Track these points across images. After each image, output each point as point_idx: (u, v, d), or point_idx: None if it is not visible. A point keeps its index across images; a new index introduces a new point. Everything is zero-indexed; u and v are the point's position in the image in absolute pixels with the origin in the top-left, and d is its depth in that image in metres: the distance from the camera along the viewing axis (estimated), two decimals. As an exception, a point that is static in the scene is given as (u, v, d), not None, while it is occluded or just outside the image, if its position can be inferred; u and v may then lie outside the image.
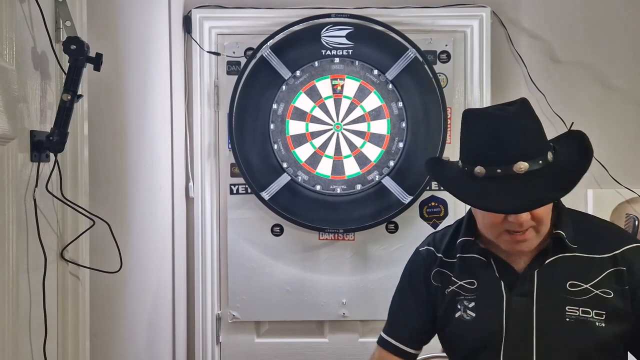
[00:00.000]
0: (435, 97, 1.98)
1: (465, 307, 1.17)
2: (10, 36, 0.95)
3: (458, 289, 1.18)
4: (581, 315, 1.06)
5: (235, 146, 2.00)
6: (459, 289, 1.18)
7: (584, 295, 1.06)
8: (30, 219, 1.01)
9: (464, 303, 1.17)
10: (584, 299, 1.06)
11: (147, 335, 1.71)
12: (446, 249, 1.23)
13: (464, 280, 1.18)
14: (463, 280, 1.18)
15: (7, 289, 0.93)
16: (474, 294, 1.16)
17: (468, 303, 1.17)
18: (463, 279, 1.18)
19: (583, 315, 1.06)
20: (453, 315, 1.18)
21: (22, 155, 0.98)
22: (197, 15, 2.05)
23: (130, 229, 1.53)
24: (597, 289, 1.06)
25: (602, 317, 1.05)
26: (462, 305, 1.17)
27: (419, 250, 1.30)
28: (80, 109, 1.16)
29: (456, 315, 1.17)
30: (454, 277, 1.19)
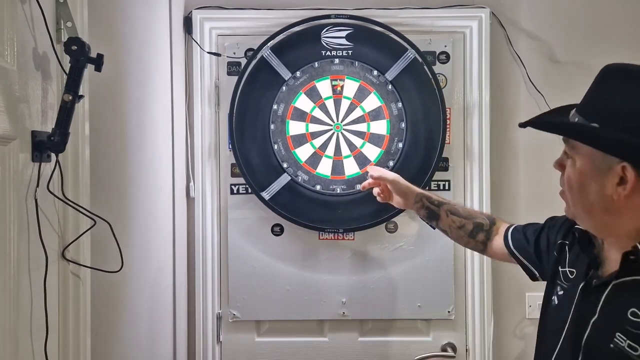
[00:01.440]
0: (435, 97, 1.99)
1: (556, 292, 1.14)
2: (12, 36, 0.95)
3: (560, 273, 1.15)
4: (626, 348, 0.93)
5: (235, 146, 2.00)
6: (560, 274, 1.15)
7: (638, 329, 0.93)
8: (32, 219, 1.01)
9: (556, 288, 1.15)
10: (636, 333, 0.92)
11: (148, 334, 1.72)
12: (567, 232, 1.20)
13: (568, 267, 1.14)
14: (567, 268, 1.14)
15: (8, 288, 0.93)
16: (567, 284, 1.12)
17: (560, 290, 1.13)
18: (568, 267, 1.14)
19: (628, 349, 0.93)
20: (548, 293, 1.17)
21: (23, 155, 0.98)
22: (197, 16, 2.05)
23: (131, 229, 1.53)
24: None
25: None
26: (556, 288, 1.15)
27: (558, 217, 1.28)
28: (81, 109, 1.17)
29: (550, 294, 1.16)
30: (564, 260, 1.16)
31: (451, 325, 2.11)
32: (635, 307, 0.94)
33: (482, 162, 2.05)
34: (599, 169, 0.97)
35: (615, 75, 1.00)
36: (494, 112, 2.06)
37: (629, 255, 0.96)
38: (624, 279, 0.97)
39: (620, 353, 0.94)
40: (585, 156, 0.99)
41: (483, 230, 1.48)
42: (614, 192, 0.96)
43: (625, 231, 0.98)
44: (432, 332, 2.12)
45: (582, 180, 1.00)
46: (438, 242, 2.07)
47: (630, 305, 0.94)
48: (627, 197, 0.95)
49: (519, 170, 2.08)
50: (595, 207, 1.00)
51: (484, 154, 2.05)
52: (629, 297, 0.95)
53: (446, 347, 2.10)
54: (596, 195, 0.98)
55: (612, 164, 0.95)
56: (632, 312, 0.94)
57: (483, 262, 2.06)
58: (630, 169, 0.93)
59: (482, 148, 2.05)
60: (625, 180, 0.94)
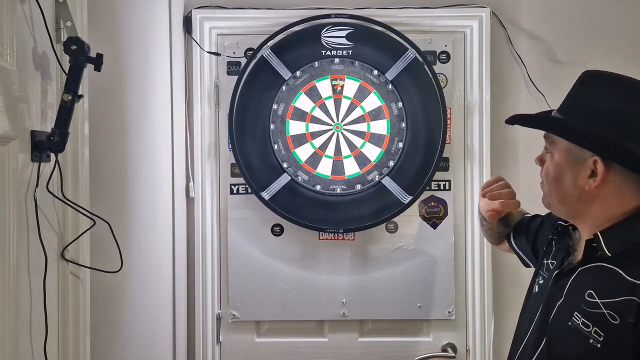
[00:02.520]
0: (435, 97, 1.99)
1: (537, 281, 1.22)
2: (11, 36, 0.95)
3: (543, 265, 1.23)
4: (580, 326, 1.02)
5: (235, 146, 2.00)
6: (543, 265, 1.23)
7: (593, 308, 1.01)
8: (31, 219, 1.01)
9: (538, 277, 1.23)
10: (590, 312, 1.01)
11: (148, 335, 1.72)
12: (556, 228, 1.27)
13: (551, 259, 1.22)
14: (550, 260, 1.22)
15: (7, 288, 0.93)
16: (547, 274, 1.19)
17: (540, 279, 1.22)
18: (551, 259, 1.22)
19: (582, 327, 1.01)
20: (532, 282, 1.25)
21: (22, 155, 0.98)
22: (197, 16, 2.05)
23: (130, 229, 1.53)
24: (606, 309, 0.99)
25: (600, 338, 0.98)
26: (537, 278, 1.23)
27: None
28: (80, 109, 1.17)
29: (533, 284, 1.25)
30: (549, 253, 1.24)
31: (451, 325, 2.10)
32: (591, 289, 1.03)
33: (483, 162, 2.05)
34: (574, 162, 1.07)
35: (593, 79, 1.09)
36: (495, 112, 2.05)
37: (591, 243, 1.06)
38: (588, 265, 1.07)
39: (576, 330, 1.03)
40: (562, 150, 1.09)
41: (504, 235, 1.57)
42: (585, 183, 1.05)
43: (594, 218, 1.08)
44: (432, 333, 2.12)
45: (559, 171, 1.10)
46: (438, 242, 2.07)
47: (588, 287, 1.04)
48: (597, 187, 1.04)
49: (519, 170, 2.08)
50: (569, 196, 1.09)
51: (484, 154, 2.05)
52: (589, 280, 1.05)
53: (446, 348, 2.09)
54: (570, 185, 1.08)
55: (585, 158, 1.05)
56: (589, 294, 1.03)
57: (483, 262, 2.06)
58: (600, 163, 1.03)
59: (482, 148, 2.05)
60: (595, 173, 1.04)
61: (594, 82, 1.09)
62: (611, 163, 1.03)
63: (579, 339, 1.01)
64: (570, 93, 1.12)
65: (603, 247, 1.04)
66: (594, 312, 1.01)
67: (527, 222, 1.47)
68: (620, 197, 1.05)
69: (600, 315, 1.00)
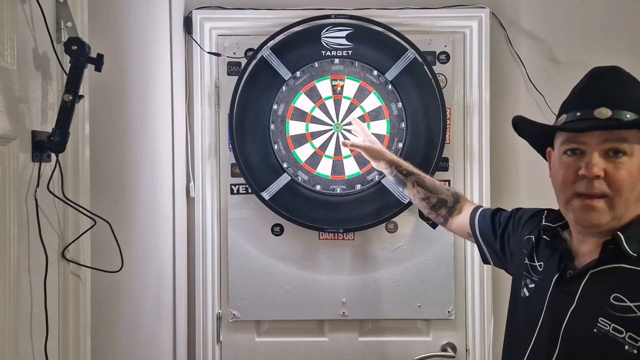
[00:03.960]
0: (435, 97, 1.99)
1: (526, 285, 1.18)
2: (12, 37, 0.96)
3: (529, 267, 1.20)
4: (611, 332, 0.96)
5: (235, 146, 2.00)
6: (529, 267, 1.19)
7: (624, 312, 0.96)
8: (32, 219, 1.01)
9: (526, 281, 1.18)
10: (621, 317, 0.96)
11: (148, 335, 1.72)
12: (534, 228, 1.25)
13: (537, 261, 1.18)
14: (536, 262, 1.18)
15: (8, 288, 0.93)
16: (538, 277, 1.16)
17: (530, 283, 1.17)
18: (537, 260, 1.18)
19: (613, 332, 0.96)
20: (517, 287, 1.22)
21: (23, 155, 0.99)
22: (197, 16, 2.05)
23: (131, 229, 1.53)
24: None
25: (637, 343, 0.93)
26: (525, 281, 1.19)
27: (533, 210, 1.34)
28: (81, 109, 1.17)
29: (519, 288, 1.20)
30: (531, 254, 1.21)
31: (451, 325, 2.11)
32: (617, 292, 0.97)
33: (482, 162, 2.05)
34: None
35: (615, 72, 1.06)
36: (494, 112, 2.06)
37: (608, 244, 1.01)
38: (602, 267, 1.02)
39: (604, 337, 0.97)
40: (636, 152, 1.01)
41: (446, 206, 1.60)
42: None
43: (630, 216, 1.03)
44: (432, 332, 2.12)
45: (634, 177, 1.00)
46: (438, 242, 2.07)
47: (612, 290, 0.98)
48: None
49: (519, 170, 2.08)
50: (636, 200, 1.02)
51: (484, 154, 2.05)
52: (611, 283, 0.99)
53: (446, 347, 2.10)
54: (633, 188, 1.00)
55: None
56: (615, 297, 0.97)
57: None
58: None
59: (482, 148, 2.05)
60: None
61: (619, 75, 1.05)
62: None
63: (610, 346, 0.96)
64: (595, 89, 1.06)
65: (625, 248, 0.99)
66: (626, 317, 0.96)
67: (492, 215, 1.43)
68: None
69: (635, 319, 0.95)
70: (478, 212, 1.51)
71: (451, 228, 1.62)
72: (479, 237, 1.47)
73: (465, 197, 1.67)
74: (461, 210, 1.59)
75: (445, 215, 1.62)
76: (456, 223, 1.59)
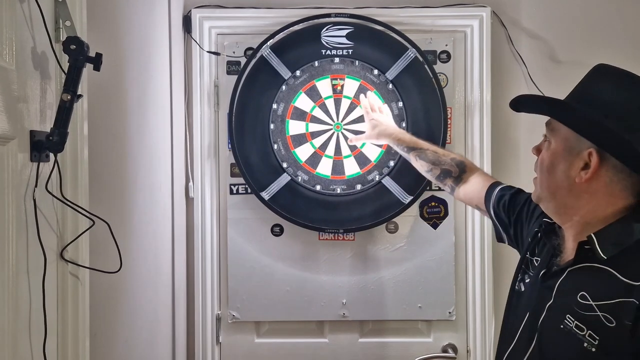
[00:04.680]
0: (436, 97, 1.98)
1: (523, 279, 1.20)
2: (10, 36, 0.95)
3: (528, 261, 1.22)
4: (574, 329, 0.99)
5: (235, 146, 2.00)
6: (528, 262, 1.22)
7: (586, 311, 0.98)
8: (30, 219, 1.01)
9: (524, 275, 1.21)
10: (584, 315, 0.98)
11: (147, 335, 1.71)
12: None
13: (536, 256, 1.20)
14: (535, 257, 1.20)
15: (6, 289, 0.93)
16: (533, 272, 1.18)
17: (527, 278, 1.19)
18: (536, 255, 1.20)
19: (575, 330, 0.99)
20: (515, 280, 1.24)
21: (21, 155, 0.98)
22: (197, 15, 2.05)
23: (130, 229, 1.53)
24: (601, 312, 0.96)
25: (595, 341, 0.96)
26: (523, 276, 1.21)
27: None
28: (80, 109, 1.16)
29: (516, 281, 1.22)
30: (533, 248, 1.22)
31: (452, 326, 2.10)
32: (584, 291, 1.00)
33: (483, 162, 2.05)
34: (569, 152, 1.05)
35: (603, 72, 1.08)
36: (495, 112, 2.05)
37: (584, 244, 1.03)
38: (578, 266, 1.04)
39: (569, 333, 1.00)
40: (560, 138, 1.07)
41: (451, 176, 1.64)
42: (577, 175, 1.03)
43: (582, 215, 1.06)
44: (432, 333, 2.11)
45: (553, 160, 1.08)
46: (439, 242, 2.07)
47: (581, 289, 1.01)
48: (588, 181, 1.02)
49: (519, 170, 2.07)
50: (560, 187, 1.07)
51: (485, 153, 2.05)
52: (581, 281, 1.03)
53: (447, 348, 2.09)
54: (562, 175, 1.06)
55: (581, 149, 1.03)
56: (582, 295, 1.00)
57: (484, 262, 2.06)
58: (595, 155, 1.00)
59: (483, 147, 2.05)
60: (589, 165, 1.02)
61: (604, 74, 1.07)
62: (605, 157, 1.00)
63: (572, 342, 0.99)
64: (579, 83, 1.10)
65: (597, 249, 1.00)
66: (587, 315, 0.98)
67: (510, 199, 1.42)
68: (610, 195, 1.02)
69: (595, 318, 0.97)
70: (495, 191, 1.47)
71: (459, 198, 1.66)
72: (494, 219, 1.47)
73: (474, 164, 1.67)
74: (468, 180, 1.60)
75: (452, 185, 1.64)
76: (464, 193, 1.61)
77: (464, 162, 1.66)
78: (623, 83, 1.03)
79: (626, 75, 1.04)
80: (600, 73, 1.08)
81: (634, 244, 0.99)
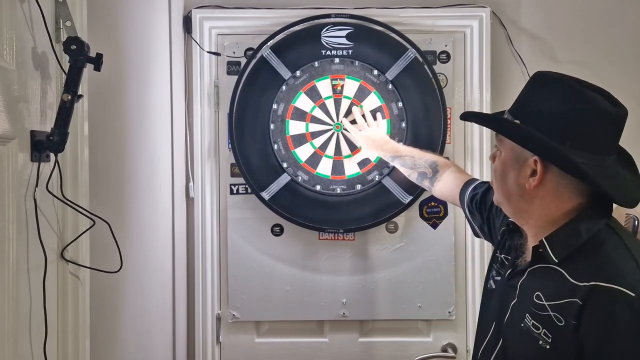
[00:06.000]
0: (435, 97, 1.98)
1: (493, 277, 1.25)
2: (11, 36, 0.95)
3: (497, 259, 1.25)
4: (531, 328, 1.04)
5: (235, 146, 2.00)
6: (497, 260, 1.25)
7: (541, 310, 1.03)
8: (31, 219, 1.01)
9: (493, 272, 1.25)
10: (539, 314, 1.03)
11: (147, 335, 1.71)
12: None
13: (504, 254, 1.24)
14: (503, 255, 1.24)
15: (7, 288, 0.93)
16: (502, 270, 1.21)
17: (496, 275, 1.23)
18: (504, 253, 1.24)
19: (532, 329, 1.03)
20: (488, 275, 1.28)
21: (22, 155, 0.98)
22: (197, 16, 2.05)
23: (130, 229, 1.53)
24: (553, 311, 1.01)
25: (549, 339, 1.00)
26: (492, 273, 1.26)
27: None
28: (80, 109, 1.17)
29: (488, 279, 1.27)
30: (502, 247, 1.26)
31: (452, 325, 2.10)
32: (539, 291, 1.05)
33: (483, 162, 2.05)
34: (517, 161, 1.10)
35: (541, 81, 1.11)
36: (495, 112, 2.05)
37: (537, 248, 1.08)
38: (536, 266, 1.09)
39: (527, 332, 1.05)
40: (508, 149, 1.12)
41: (427, 177, 1.74)
42: (526, 182, 1.08)
43: (536, 218, 1.10)
44: (432, 333, 2.11)
45: (505, 168, 1.13)
46: (438, 242, 2.07)
47: (536, 289, 1.06)
48: (537, 187, 1.07)
49: (519, 170, 2.07)
50: (513, 194, 1.12)
51: (484, 154, 2.05)
52: (536, 282, 1.08)
53: (447, 348, 2.09)
54: (513, 183, 1.11)
55: (527, 157, 1.07)
56: (537, 296, 1.05)
57: (483, 262, 2.06)
58: (540, 163, 1.05)
59: (482, 148, 2.05)
60: (536, 172, 1.06)
61: (541, 84, 1.10)
62: (549, 164, 1.05)
63: (530, 340, 1.03)
64: (520, 94, 1.14)
65: (549, 253, 1.05)
66: (542, 314, 1.02)
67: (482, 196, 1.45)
68: (559, 198, 1.06)
69: (548, 317, 1.01)
70: (469, 189, 1.53)
71: (437, 196, 1.75)
72: (468, 216, 1.53)
73: (447, 162, 1.76)
74: (441, 178, 1.69)
75: (429, 185, 1.74)
76: (439, 191, 1.71)
77: (437, 161, 1.75)
78: (561, 94, 1.06)
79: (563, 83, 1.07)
80: (539, 82, 1.11)
81: (583, 245, 1.03)
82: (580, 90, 1.04)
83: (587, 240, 1.02)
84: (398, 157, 1.82)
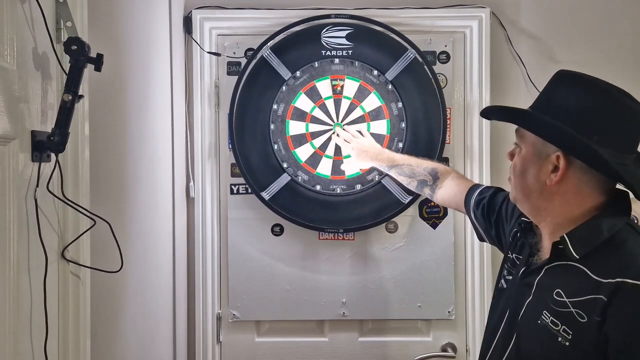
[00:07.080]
0: (435, 97, 1.99)
1: (504, 276, 1.25)
2: (11, 36, 0.96)
3: (510, 259, 1.26)
4: (549, 324, 1.04)
5: (235, 146, 2.00)
6: (510, 260, 1.26)
7: (561, 307, 1.03)
8: (31, 219, 1.01)
9: (505, 272, 1.25)
10: (559, 311, 1.03)
11: (148, 335, 1.72)
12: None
13: (516, 254, 1.24)
14: (515, 254, 1.24)
15: (8, 288, 0.93)
16: (514, 270, 1.21)
17: (508, 274, 1.23)
18: (516, 253, 1.24)
19: (551, 325, 1.03)
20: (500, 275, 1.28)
21: (23, 155, 0.98)
22: (197, 16, 2.05)
23: (130, 229, 1.53)
24: (574, 308, 1.01)
25: (569, 336, 1.00)
26: (504, 272, 1.26)
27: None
28: (81, 109, 1.17)
29: (500, 279, 1.27)
30: (514, 247, 1.27)
31: (451, 325, 2.11)
32: (559, 288, 1.05)
33: (482, 162, 2.05)
34: (539, 156, 1.09)
35: (566, 78, 1.11)
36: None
37: (557, 244, 1.07)
38: (554, 264, 1.09)
39: (544, 328, 1.05)
40: (529, 144, 1.12)
41: (427, 185, 1.74)
42: (547, 178, 1.08)
43: (555, 216, 1.10)
44: (432, 332, 2.12)
45: (525, 164, 1.12)
46: (438, 242, 2.07)
47: (556, 286, 1.06)
48: (558, 183, 1.06)
49: (519, 170, 2.08)
50: (532, 191, 1.12)
51: (484, 154, 2.05)
52: (557, 279, 1.07)
53: (446, 347, 2.10)
54: (534, 179, 1.10)
55: (549, 153, 1.07)
56: (557, 292, 1.05)
57: (483, 262, 2.06)
58: (562, 158, 1.05)
59: (482, 148, 2.05)
60: (557, 168, 1.06)
61: (566, 81, 1.10)
62: (572, 159, 1.04)
63: (548, 337, 1.04)
64: (543, 90, 1.15)
65: (570, 249, 1.04)
66: (562, 311, 1.03)
67: (489, 200, 1.47)
68: (580, 195, 1.06)
69: (569, 314, 1.01)
70: (475, 194, 1.53)
71: (439, 202, 1.75)
72: (474, 221, 1.54)
73: (447, 168, 1.76)
74: (442, 184, 1.69)
75: (430, 192, 1.73)
76: (441, 198, 1.70)
77: (436, 168, 1.74)
78: (587, 89, 1.07)
79: (588, 80, 1.08)
80: (563, 79, 1.11)
81: (604, 242, 1.02)
82: (607, 87, 1.05)
83: (609, 238, 1.02)
84: (395, 167, 1.82)
